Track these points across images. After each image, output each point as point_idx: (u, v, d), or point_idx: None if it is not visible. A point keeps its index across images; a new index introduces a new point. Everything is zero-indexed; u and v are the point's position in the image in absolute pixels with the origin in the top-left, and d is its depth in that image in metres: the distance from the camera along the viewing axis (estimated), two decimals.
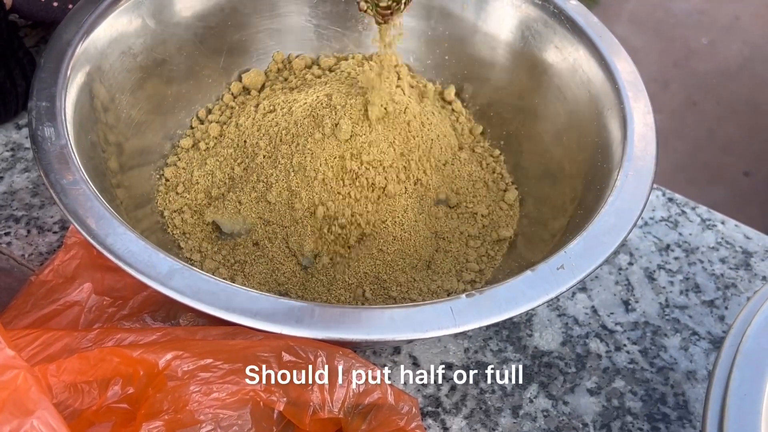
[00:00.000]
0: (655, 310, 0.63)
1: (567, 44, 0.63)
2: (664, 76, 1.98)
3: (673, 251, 0.67)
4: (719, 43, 2.08)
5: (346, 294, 0.57)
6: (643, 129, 0.56)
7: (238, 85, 0.70)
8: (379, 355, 0.58)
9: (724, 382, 0.44)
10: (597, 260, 0.49)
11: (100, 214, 0.47)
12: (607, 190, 0.53)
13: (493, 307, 0.45)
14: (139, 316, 0.53)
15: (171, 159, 0.65)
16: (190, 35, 0.66)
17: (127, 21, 0.61)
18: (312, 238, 0.58)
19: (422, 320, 0.44)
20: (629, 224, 0.51)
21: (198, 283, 0.44)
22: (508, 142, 0.69)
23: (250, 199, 0.60)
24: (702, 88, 1.96)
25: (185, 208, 0.61)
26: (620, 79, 0.59)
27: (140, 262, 0.44)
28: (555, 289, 0.47)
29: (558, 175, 0.63)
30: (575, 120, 0.62)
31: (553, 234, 0.59)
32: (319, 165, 0.58)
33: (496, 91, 0.70)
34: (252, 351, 0.44)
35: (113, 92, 0.60)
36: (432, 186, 0.62)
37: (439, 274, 0.60)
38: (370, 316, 0.44)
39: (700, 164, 1.79)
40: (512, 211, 0.65)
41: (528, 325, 0.61)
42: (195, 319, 0.54)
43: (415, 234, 0.60)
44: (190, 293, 0.44)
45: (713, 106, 1.92)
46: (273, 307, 0.43)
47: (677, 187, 0.76)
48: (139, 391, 0.43)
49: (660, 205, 0.71)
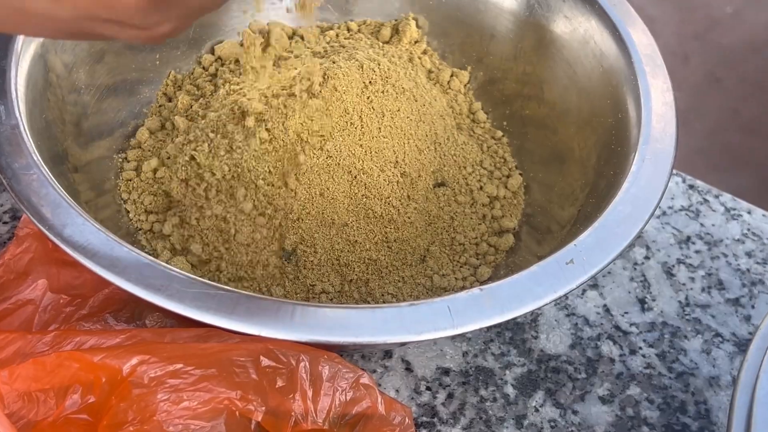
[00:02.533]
0: (673, 309, 0.63)
1: (577, 13, 0.63)
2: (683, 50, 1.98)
3: (694, 244, 0.68)
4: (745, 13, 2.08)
5: (329, 291, 0.58)
6: (662, 108, 0.56)
7: (210, 58, 0.70)
8: (369, 360, 0.58)
9: (751, 389, 0.44)
10: (610, 254, 0.49)
11: (56, 202, 0.47)
12: (622, 176, 0.53)
13: (495, 306, 0.46)
14: (100, 316, 0.53)
15: (135, 140, 0.65)
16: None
17: None
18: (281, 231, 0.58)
19: (416, 321, 0.44)
20: (646, 214, 0.51)
21: (167, 279, 0.44)
22: (511, 122, 0.69)
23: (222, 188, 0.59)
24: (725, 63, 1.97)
25: (150, 195, 0.61)
26: (636, 53, 0.59)
27: (102, 256, 0.44)
28: (563, 286, 0.47)
29: (567, 160, 0.63)
30: (586, 98, 0.62)
31: (562, 225, 0.60)
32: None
33: (498, 66, 0.70)
34: (227, 355, 0.44)
35: (70, 65, 0.60)
36: (425, 170, 0.62)
37: (435, 270, 0.60)
38: (359, 317, 0.44)
39: (723, 147, 1.80)
40: (516, 199, 0.65)
41: (533, 326, 0.61)
42: (163, 319, 0.54)
43: (406, 224, 0.60)
44: (158, 290, 0.44)
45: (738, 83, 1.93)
46: (251, 307, 0.43)
47: (698, 173, 0.76)
48: (101, 400, 0.43)
49: (680, 192, 0.71)
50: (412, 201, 0.61)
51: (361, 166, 0.59)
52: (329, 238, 0.59)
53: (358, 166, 0.59)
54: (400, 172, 0.61)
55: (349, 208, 0.59)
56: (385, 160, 0.60)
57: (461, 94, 0.70)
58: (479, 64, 0.71)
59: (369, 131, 0.59)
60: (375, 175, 0.59)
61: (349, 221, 0.59)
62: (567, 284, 0.47)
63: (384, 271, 0.59)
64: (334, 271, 0.58)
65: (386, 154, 0.60)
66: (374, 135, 0.60)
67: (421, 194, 0.62)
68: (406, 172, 0.61)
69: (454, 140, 0.65)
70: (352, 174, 0.59)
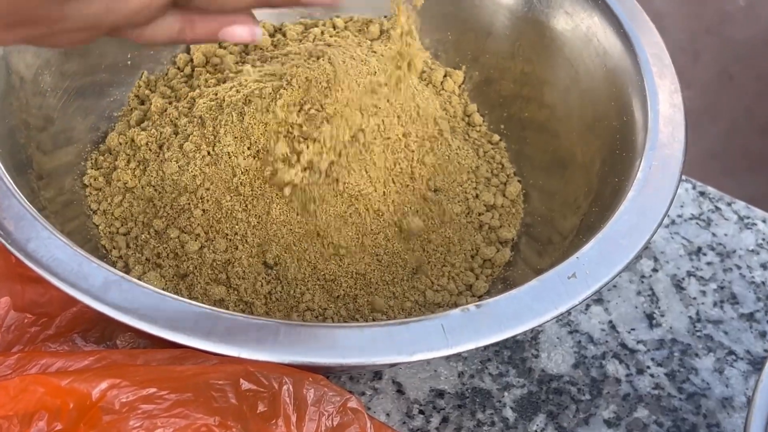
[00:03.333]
0: (683, 325, 0.64)
1: (579, 9, 0.64)
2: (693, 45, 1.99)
3: (706, 255, 0.68)
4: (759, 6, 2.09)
5: (314, 308, 0.58)
6: (670, 111, 0.56)
7: (185, 58, 0.70)
8: (357, 381, 0.58)
9: (766, 410, 0.44)
10: (615, 268, 0.49)
11: (20, 215, 0.47)
12: (627, 184, 0.54)
13: (493, 324, 0.46)
14: (67, 336, 0.53)
15: (104, 146, 0.65)
16: None
17: None
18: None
19: (408, 340, 0.44)
20: (653, 224, 0.51)
21: (139, 296, 0.44)
22: (509, 126, 0.69)
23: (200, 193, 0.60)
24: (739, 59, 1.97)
25: (122, 205, 0.61)
26: (642, 51, 0.59)
27: (69, 272, 0.44)
28: (565, 302, 0.47)
29: (569, 166, 0.64)
30: (589, 100, 0.62)
31: (564, 235, 0.60)
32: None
33: (494, 66, 0.70)
34: (204, 378, 0.44)
35: (35, 67, 0.60)
36: (416, 177, 0.62)
37: (428, 284, 0.60)
38: (347, 336, 0.44)
39: (737, 149, 1.80)
40: (515, 207, 0.65)
41: (534, 344, 0.61)
42: (135, 339, 0.54)
43: (395, 235, 0.60)
44: (130, 309, 0.44)
45: (752, 81, 1.93)
46: (230, 326, 0.44)
47: (710, 178, 0.77)
48: (69, 428, 0.43)
49: (690, 200, 0.72)
50: (402, 210, 0.61)
51: (347, 174, 0.59)
52: (314, 251, 0.59)
53: (343, 174, 0.59)
54: (390, 179, 0.61)
55: (336, 219, 0.59)
56: (373, 167, 0.60)
57: (455, 96, 0.71)
58: (474, 63, 0.71)
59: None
60: (362, 184, 0.59)
61: (335, 234, 0.59)
62: (569, 300, 0.47)
63: (373, 286, 0.59)
64: (319, 286, 0.58)
65: (374, 161, 0.60)
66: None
67: (413, 203, 0.62)
68: (395, 179, 0.61)
69: (447, 145, 0.66)
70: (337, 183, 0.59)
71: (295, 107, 0.58)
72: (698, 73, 1.94)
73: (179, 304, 0.44)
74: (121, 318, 0.44)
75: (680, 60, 0.58)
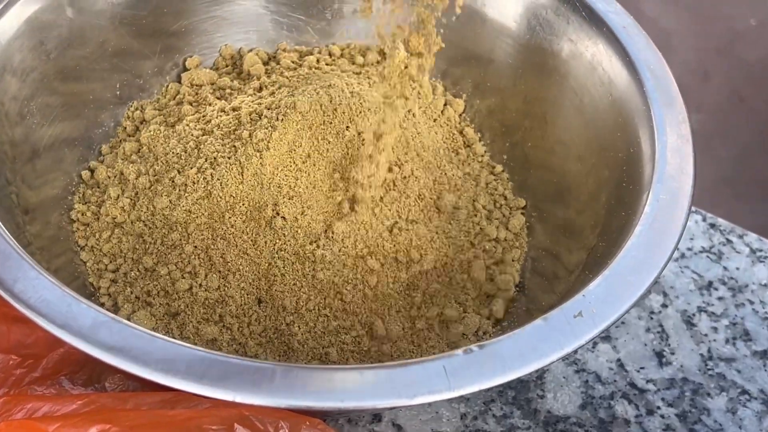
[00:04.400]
0: (695, 363, 0.64)
1: (583, 36, 0.64)
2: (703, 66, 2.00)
3: (717, 290, 0.68)
4: None
5: (313, 348, 0.58)
6: (677, 141, 0.57)
7: (176, 87, 0.71)
8: (356, 425, 0.58)
9: None
10: (623, 306, 0.49)
11: (6, 253, 0.47)
12: (635, 218, 0.54)
13: (496, 365, 0.46)
14: (54, 378, 0.53)
15: (93, 179, 0.65)
16: (116, 26, 0.67)
17: (40, 9, 0.61)
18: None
19: (409, 383, 0.45)
20: (662, 260, 0.51)
21: (129, 338, 0.44)
22: (512, 156, 0.70)
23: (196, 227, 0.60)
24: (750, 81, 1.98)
25: (111, 241, 0.62)
26: (648, 80, 0.60)
27: (58, 314, 0.45)
28: (571, 342, 0.47)
29: (574, 198, 0.64)
30: (594, 130, 0.63)
31: (570, 270, 0.60)
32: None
33: (496, 95, 0.71)
34: (197, 423, 0.44)
35: (20, 97, 0.60)
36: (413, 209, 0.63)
37: (429, 324, 0.60)
38: (345, 379, 0.44)
39: (749, 175, 1.80)
40: (518, 241, 0.66)
41: (539, 384, 0.61)
42: (125, 382, 0.54)
43: (392, 268, 0.61)
44: (120, 351, 0.44)
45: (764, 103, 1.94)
46: (224, 369, 0.44)
47: (722, 205, 0.77)
48: None
49: (700, 232, 0.72)
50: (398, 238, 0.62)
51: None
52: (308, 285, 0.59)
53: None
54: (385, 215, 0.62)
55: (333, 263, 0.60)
56: None
57: (456, 125, 0.71)
58: (476, 91, 0.72)
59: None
60: None
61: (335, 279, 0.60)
62: (575, 340, 0.47)
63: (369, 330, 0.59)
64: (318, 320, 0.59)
65: None
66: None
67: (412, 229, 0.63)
68: (390, 214, 0.62)
69: (446, 176, 0.66)
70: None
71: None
72: (708, 95, 1.94)
73: (171, 345, 0.44)
74: (110, 360, 0.44)
75: (689, 81, 0.59)
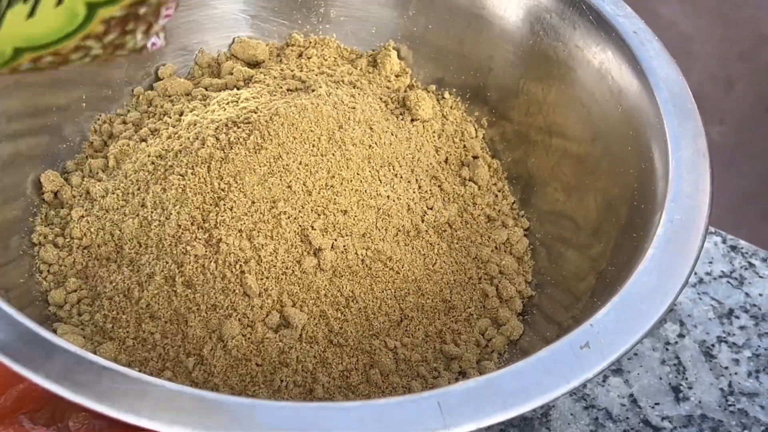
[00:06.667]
0: (714, 398, 0.64)
1: (591, 43, 0.65)
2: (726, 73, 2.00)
3: (738, 318, 0.68)
4: None
5: (297, 384, 0.58)
6: (693, 157, 0.57)
7: (148, 95, 0.71)
8: None
9: None
10: (634, 336, 0.49)
11: None
12: (647, 239, 0.54)
13: (496, 400, 0.46)
14: (13, 418, 0.53)
15: (57, 200, 0.65)
16: None
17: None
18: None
19: (400, 420, 0.45)
20: (677, 286, 0.51)
21: (94, 373, 0.45)
22: (514, 172, 0.71)
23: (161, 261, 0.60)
24: None
25: (74, 268, 0.62)
26: (661, 90, 0.60)
27: (17, 349, 0.45)
28: (578, 375, 0.47)
29: (581, 218, 0.64)
30: (603, 144, 0.64)
31: (577, 296, 0.60)
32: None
33: (497, 105, 0.71)
34: None
35: None
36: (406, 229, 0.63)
37: (422, 356, 0.61)
38: (331, 417, 0.44)
39: None
40: (521, 266, 0.66)
41: (544, 422, 0.61)
42: (90, 421, 0.54)
43: (385, 292, 0.61)
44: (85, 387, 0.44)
45: None
46: (199, 405, 0.44)
47: (745, 223, 0.77)
48: None
49: (719, 255, 0.72)
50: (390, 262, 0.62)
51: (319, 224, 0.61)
52: None
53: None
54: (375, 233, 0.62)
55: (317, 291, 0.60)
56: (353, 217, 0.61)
57: (452, 138, 0.72)
58: (475, 101, 0.73)
59: (335, 183, 0.61)
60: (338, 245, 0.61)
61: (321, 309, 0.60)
62: (582, 373, 0.47)
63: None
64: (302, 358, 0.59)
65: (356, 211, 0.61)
66: (342, 190, 0.61)
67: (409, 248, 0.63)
68: (378, 236, 0.62)
69: (437, 192, 0.67)
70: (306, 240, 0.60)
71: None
72: (731, 104, 1.95)
73: (142, 380, 0.45)
74: (74, 398, 0.44)
75: (710, 90, 0.59)
